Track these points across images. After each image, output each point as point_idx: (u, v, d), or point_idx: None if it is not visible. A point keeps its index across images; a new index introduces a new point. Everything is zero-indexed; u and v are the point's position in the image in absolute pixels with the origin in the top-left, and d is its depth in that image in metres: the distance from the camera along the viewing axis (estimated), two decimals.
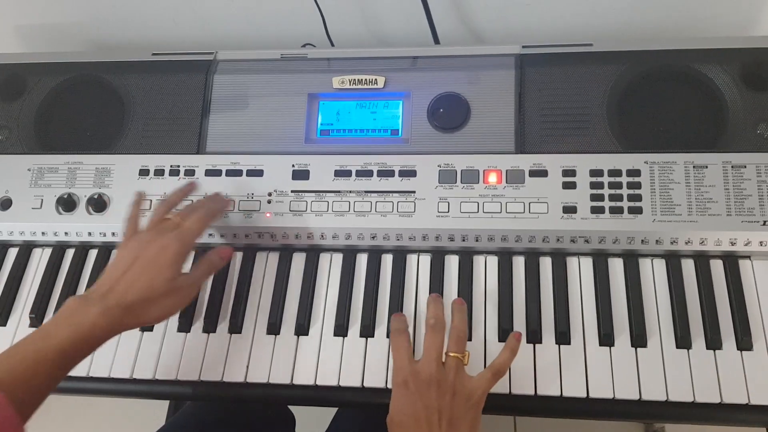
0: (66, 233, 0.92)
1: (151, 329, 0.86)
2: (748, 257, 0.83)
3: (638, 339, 0.79)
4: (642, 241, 0.82)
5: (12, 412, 0.62)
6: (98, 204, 0.91)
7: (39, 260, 0.94)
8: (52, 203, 0.92)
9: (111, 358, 0.85)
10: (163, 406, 1.58)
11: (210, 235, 0.89)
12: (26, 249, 0.94)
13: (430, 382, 0.70)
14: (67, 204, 0.92)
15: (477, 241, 0.85)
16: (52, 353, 0.67)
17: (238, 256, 0.90)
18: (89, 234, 0.92)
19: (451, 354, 0.72)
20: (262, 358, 0.83)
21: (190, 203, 0.85)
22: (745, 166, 0.82)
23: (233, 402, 1.00)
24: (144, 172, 0.92)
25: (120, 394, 0.85)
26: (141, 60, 0.99)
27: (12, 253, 0.95)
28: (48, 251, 0.94)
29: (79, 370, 0.83)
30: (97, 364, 0.84)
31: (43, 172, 0.94)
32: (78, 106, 0.98)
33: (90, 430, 1.76)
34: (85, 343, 0.69)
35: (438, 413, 0.68)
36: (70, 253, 0.94)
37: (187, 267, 0.82)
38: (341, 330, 0.83)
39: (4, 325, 0.90)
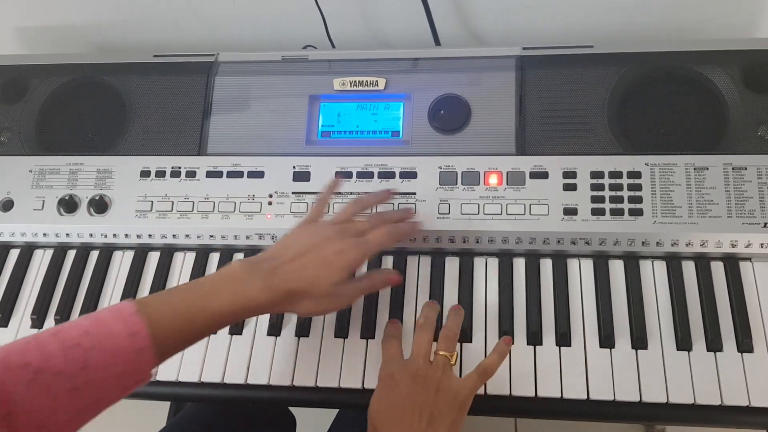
0: (67, 234, 0.92)
1: None
2: (749, 259, 0.83)
3: (639, 341, 0.79)
4: (642, 242, 0.82)
5: (151, 359, 0.62)
6: (99, 205, 0.91)
7: (40, 261, 0.94)
8: (53, 204, 0.92)
9: None
10: (164, 407, 1.58)
11: (211, 237, 0.89)
12: (28, 250, 0.95)
13: (415, 377, 0.70)
14: (68, 205, 0.92)
15: (477, 242, 0.85)
16: (208, 314, 0.66)
17: (240, 258, 0.90)
18: (90, 235, 0.92)
19: (440, 353, 0.73)
20: (262, 360, 0.83)
21: (377, 211, 0.84)
22: (746, 168, 0.82)
23: (234, 403, 1.00)
24: (145, 174, 0.92)
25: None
26: (142, 61, 0.99)
27: (13, 255, 0.95)
28: (49, 252, 0.94)
29: None
30: None
31: (45, 173, 0.94)
32: (79, 107, 0.98)
33: (91, 431, 1.76)
34: (241, 312, 0.68)
35: (420, 408, 0.68)
36: (71, 255, 0.94)
37: None
38: (342, 331, 0.84)
39: (6, 326, 0.90)
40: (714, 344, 0.78)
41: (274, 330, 0.85)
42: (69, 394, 0.58)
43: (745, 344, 0.77)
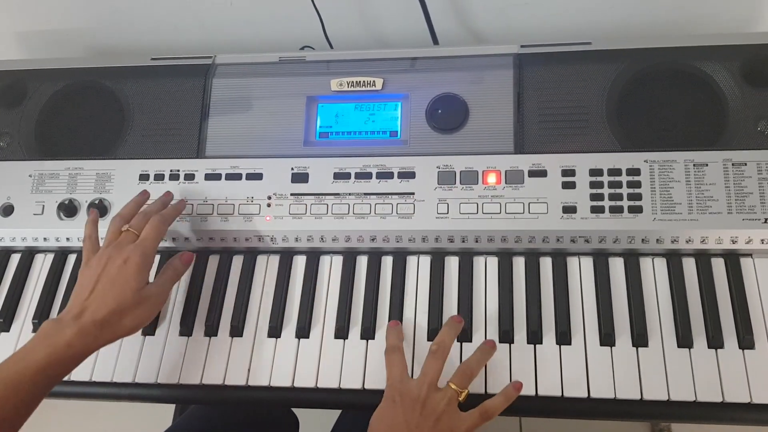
0: (68, 239, 0.93)
1: (153, 333, 0.87)
2: (750, 255, 0.82)
3: (639, 338, 0.78)
4: (642, 240, 0.82)
5: None
6: (99, 209, 0.91)
7: (41, 266, 0.94)
8: (53, 209, 0.93)
9: (113, 363, 0.85)
10: (169, 408, 1.58)
11: (211, 239, 0.90)
12: (28, 255, 0.95)
13: (415, 403, 0.71)
14: (68, 210, 0.92)
15: (477, 242, 0.85)
16: (31, 374, 0.69)
17: (239, 260, 0.90)
18: None
19: (452, 386, 0.73)
20: (263, 361, 0.83)
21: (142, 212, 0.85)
22: (746, 164, 0.82)
23: (235, 405, 1.00)
24: (144, 177, 0.92)
25: (123, 398, 0.85)
26: (140, 65, 0.99)
27: (14, 259, 0.95)
28: (50, 257, 0.95)
29: (81, 375, 0.84)
30: (100, 369, 0.85)
31: (44, 178, 0.94)
32: (78, 111, 0.98)
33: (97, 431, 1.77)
34: (62, 363, 0.71)
35: None
36: (72, 259, 0.94)
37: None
38: (342, 332, 0.84)
39: (8, 330, 0.90)
40: (715, 341, 0.77)
41: (274, 332, 0.85)
42: None
43: (746, 341, 0.77)
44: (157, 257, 0.90)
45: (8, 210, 0.93)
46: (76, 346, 0.72)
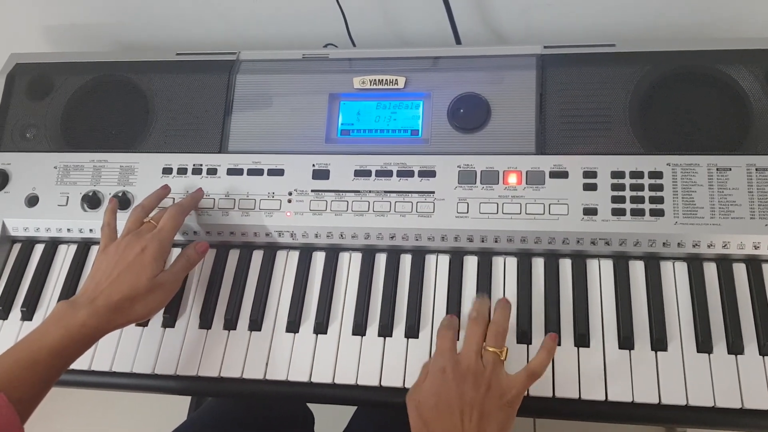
0: (91, 230, 0.94)
1: (173, 326, 0.88)
2: None
3: (659, 342, 0.78)
4: (664, 243, 0.82)
5: (12, 411, 0.65)
6: (122, 201, 0.92)
7: (64, 256, 0.95)
8: (77, 200, 0.94)
9: (133, 354, 0.86)
10: (185, 401, 1.60)
11: (231, 233, 0.90)
12: (52, 245, 0.96)
13: (467, 373, 0.70)
14: (92, 201, 0.93)
15: (496, 242, 0.85)
16: (45, 354, 0.71)
17: (259, 255, 0.91)
18: None
19: (490, 348, 0.72)
20: (281, 356, 0.84)
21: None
22: None
23: (252, 398, 1.01)
24: (167, 171, 0.93)
25: (142, 389, 0.86)
26: (165, 60, 1.00)
27: (38, 249, 0.96)
28: (73, 248, 0.96)
29: (101, 365, 0.85)
30: (120, 359, 0.86)
31: (69, 169, 0.96)
32: (103, 105, 0.99)
33: (113, 425, 1.78)
34: (76, 343, 0.74)
35: (471, 405, 0.68)
36: (94, 250, 0.95)
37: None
38: (359, 329, 0.84)
39: (30, 320, 0.91)
40: (735, 347, 0.77)
41: (293, 327, 0.85)
42: None
43: (767, 347, 0.76)
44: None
45: (33, 201, 0.95)
46: (90, 327, 0.74)
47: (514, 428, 0.71)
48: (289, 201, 0.89)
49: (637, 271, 0.83)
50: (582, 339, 0.79)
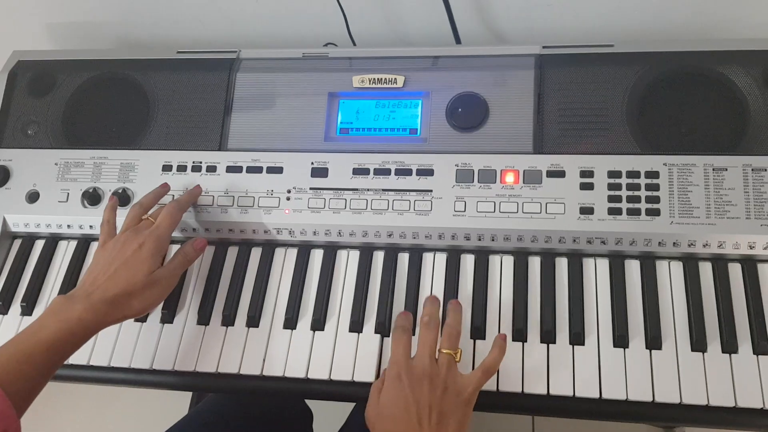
0: (91, 226, 0.94)
1: (171, 321, 0.88)
2: (767, 261, 0.82)
3: (653, 341, 0.78)
4: (659, 243, 0.82)
5: (8, 405, 0.66)
6: (122, 198, 0.93)
7: (64, 252, 0.96)
8: (77, 197, 0.95)
9: (131, 350, 0.87)
10: (187, 398, 1.60)
11: (230, 231, 0.91)
12: (52, 241, 0.97)
13: (422, 377, 0.71)
14: (92, 198, 0.94)
15: (493, 240, 0.86)
16: (42, 348, 0.72)
17: (257, 252, 0.92)
18: None
19: (444, 351, 0.74)
20: (278, 352, 0.84)
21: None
22: (766, 170, 0.81)
23: (250, 394, 1.01)
24: (167, 168, 0.94)
25: (140, 384, 0.87)
26: (166, 58, 1.01)
27: (38, 245, 0.97)
28: (73, 244, 0.96)
29: (99, 360, 0.86)
30: (118, 355, 0.86)
31: (70, 166, 0.96)
32: (104, 102, 1.00)
33: (115, 420, 1.79)
34: (73, 337, 0.74)
35: (428, 408, 0.69)
36: (94, 246, 0.96)
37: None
38: (357, 326, 0.84)
39: (30, 315, 0.92)
40: (729, 346, 0.77)
41: (290, 324, 0.86)
42: None
43: (761, 346, 0.77)
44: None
45: (34, 197, 0.96)
46: (86, 322, 0.75)
47: (515, 426, 0.72)
48: (288, 199, 0.90)
49: (633, 270, 0.84)
50: (577, 337, 0.80)
